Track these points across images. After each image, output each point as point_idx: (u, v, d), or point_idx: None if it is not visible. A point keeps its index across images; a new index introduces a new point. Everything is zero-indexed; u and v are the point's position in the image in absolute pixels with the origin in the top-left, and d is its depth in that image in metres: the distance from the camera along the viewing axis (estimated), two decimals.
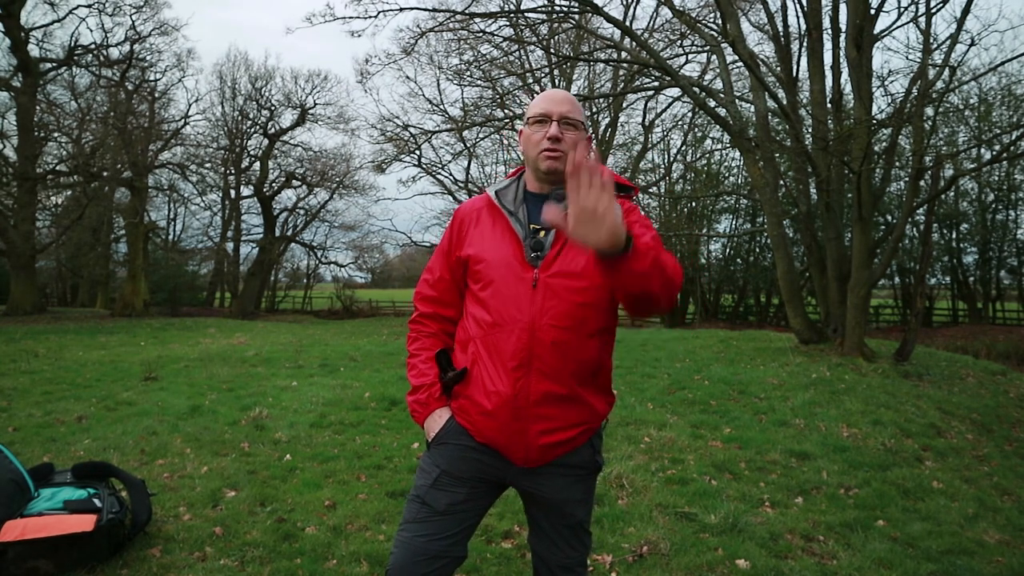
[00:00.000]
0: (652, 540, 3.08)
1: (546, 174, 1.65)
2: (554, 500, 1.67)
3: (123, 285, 23.33)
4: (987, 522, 3.59)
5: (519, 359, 1.55)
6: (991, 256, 21.99)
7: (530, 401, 1.56)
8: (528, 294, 1.57)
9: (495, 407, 1.57)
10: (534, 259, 1.59)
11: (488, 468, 1.65)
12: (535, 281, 1.57)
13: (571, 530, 1.70)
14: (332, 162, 28.38)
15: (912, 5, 8.78)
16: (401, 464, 4.24)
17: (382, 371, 7.93)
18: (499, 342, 1.57)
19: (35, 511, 2.79)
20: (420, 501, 1.65)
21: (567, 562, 1.71)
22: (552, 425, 1.59)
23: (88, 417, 5.51)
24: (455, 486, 1.64)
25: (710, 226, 23.93)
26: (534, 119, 1.66)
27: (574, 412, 1.61)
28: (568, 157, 1.27)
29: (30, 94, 20.02)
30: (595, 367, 1.63)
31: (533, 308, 1.56)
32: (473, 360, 1.62)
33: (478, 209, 1.71)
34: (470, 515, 1.67)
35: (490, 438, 1.61)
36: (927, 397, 6.41)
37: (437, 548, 1.60)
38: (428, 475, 1.66)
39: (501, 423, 1.58)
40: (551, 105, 1.65)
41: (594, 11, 10.38)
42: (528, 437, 1.58)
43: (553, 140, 1.62)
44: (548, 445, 1.60)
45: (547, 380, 1.56)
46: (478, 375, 1.60)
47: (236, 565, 2.82)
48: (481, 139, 22.84)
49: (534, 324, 1.55)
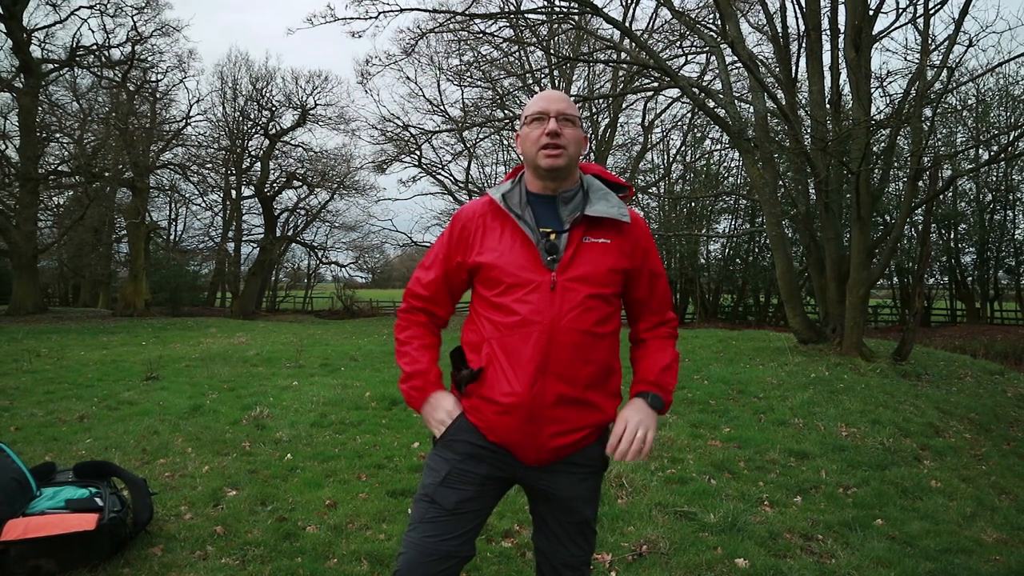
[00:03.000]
0: (651, 539, 3.10)
1: (546, 171, 1.64)
2: (562, 497, 1.68)
3: (125, 285, 23.34)
4: (985, 521, 3.60)
5: (537, 361, 1.56)
6: (989, 256, 22.00)
7: (545, 403, 1.57)
8: (547, 297, 1.58)
9: (513, 408, 1.58)
10: (550, 263, 1.60)
11: (498, 466, 1.66)
12: (553, 284, 1.59)
13: (577, 528, 1.71)
14: (333, 162, 28.40)
15: (910, 6, 8.80)
16: (402, 463, 4.26)
17: (382, 371, 7.94)
18: (517, 344, 1.58)
19: (37, 510, 2.80)
20: (429, 500, 1.64)
21: (572, 561, 1.71)
22: (564, 427, 1.60)
23: (90, 416, 5.52)
24: (464, 483, 1.64)
25: (709, 226, 23.96)
26: (531, 117, 1.66)
27: (585, 415, 1.63)
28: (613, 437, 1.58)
29: (32, 95, 20.03)
30: (606, 369, 1.65)
31: (552, 311, 1.57)
32: (488, 361, 1.62)
33: (481, 215, 1.70)
34: (479, 514, 1.68)
35: (503, 438, 1.62)
36: (925, 397, 6.43)
37: (447, 548, 1.61)
38: (437, 473, 1.66)
39: (516, 424, 1.59)
40: (547, 103, 1.66)
41: (594, 12, 10.40)
42: (540, 439, 1.60)
43: (552, 135, 1.61)
44: (559, 447, 1.62)
45: (562, 383, 1.58)
46: (494, 376, 1.60)
47: (237, 564, 2.83)
48: (481, 139, 22.88)
49: (553, 327, 1.57)
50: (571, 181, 1.69)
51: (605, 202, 1.65)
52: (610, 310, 1.65)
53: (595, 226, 1.64)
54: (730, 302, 26.23)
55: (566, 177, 1.67)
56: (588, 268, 1.60)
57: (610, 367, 1.67)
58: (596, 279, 1.60)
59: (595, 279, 1.60)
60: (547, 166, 1.63)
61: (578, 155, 1.68)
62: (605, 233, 1.65)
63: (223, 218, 30.47)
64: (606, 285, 1.62)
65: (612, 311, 1.66)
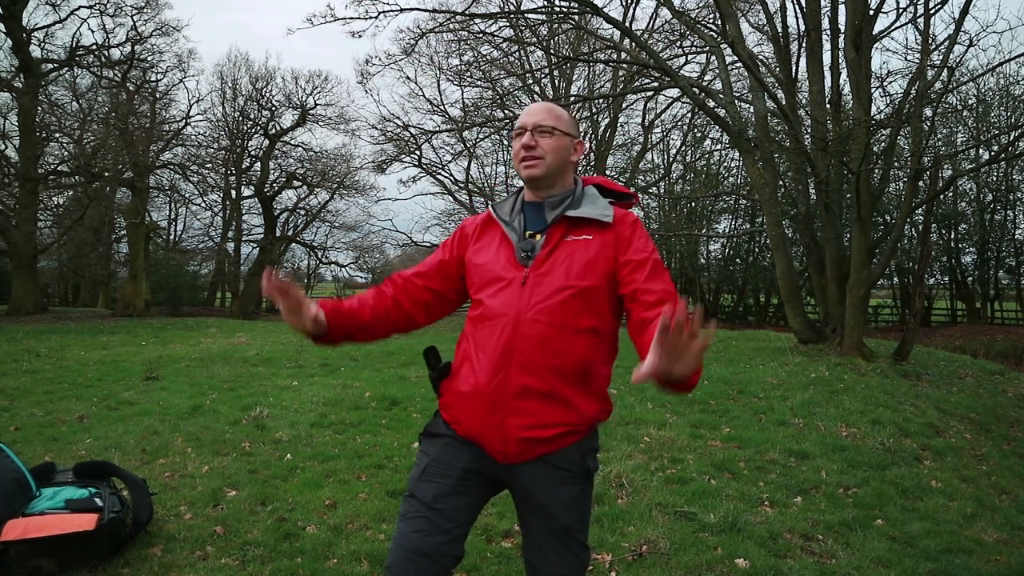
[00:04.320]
0: (651, 539, 3.09)
1: (526, 182, 1.73)
2: (540, 501, 1.64)
3: (124, 285, 23.33)
4: (985, 521, 3.60)
5: (500, 350, 1.58)
6: (989, 256, 22.00)
7: (508, 393, 1.57)
8: (517, 290, 1.62)
9: (473, 395, 1.60)
10: (524, 258, 1.65)
11: (474, 460, 1.65)
12: (524, 279, 1.62)
13: (557, 536, 1.65)
14: (332, 162, 28.36)
15: (911, 6, 8.81)
16: (401, 464, 4.26)
17: (383, 371, 7.94)
18: (486, 336, 1.62)
19: (37, 510, 2.80)
20: (410, 494, 1.67)
21: (558, 572, 1.66)
22: (530, 421, 1.58)
23: (89, 416, 5.52)
24: (442, 477, 1.65)
25: (710, 226, 23.96)
26: (516, 132, 1.74)
27: (555, 411, 1.59)
28: (666, 311, 1.21)
29: (32, 95, 20.01)
30: (582, 367, 1.61)
31: (520, 302, 1.60)
32: (464, 357, 1.67)
33: (479, 224, 1.80)
34: (462, 511, 1.65)
35: (468, 429, 1.63)
36: (926, 397, 6.42)
37: (432, 545, 1.58)
38: (418, 467, 1.71)
39: (478, 414, 1.60)
40: (526, 117, 1.73)
41: (594, 12, 10.39)
42: (506, 431, 1.58)
43: (527, 148, 1.68)
44: (526, 440, 1.58)
45: (526, 374, 1.57)
46: (465, 370, 1.65)
47: (237, 564, 2.83)
48: (481, 139, 22.85)
49: (519, 318, 1.59)
50: (559, 187, 1.73)
51: (591, 205, 1.70)
52: (590, 307, 1.61)
53: (577, 225, 1.67)
54: (730, 302, 26.24)
55: (550, 185, 1.72)
56: (563, 263, 1.63)
57: (589, 366, 1.62)
58: (571, 272, 1.61)
59: (569, 272, 1.61)
60: (525, 176, 1.71)
61: (560, 162, 1.70)
62: (588, 231, 1.67)
63: (223, 218, 30.48)
64: (582, 278, 1.60)
65: (593, 309, 1.61)
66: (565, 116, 1.74)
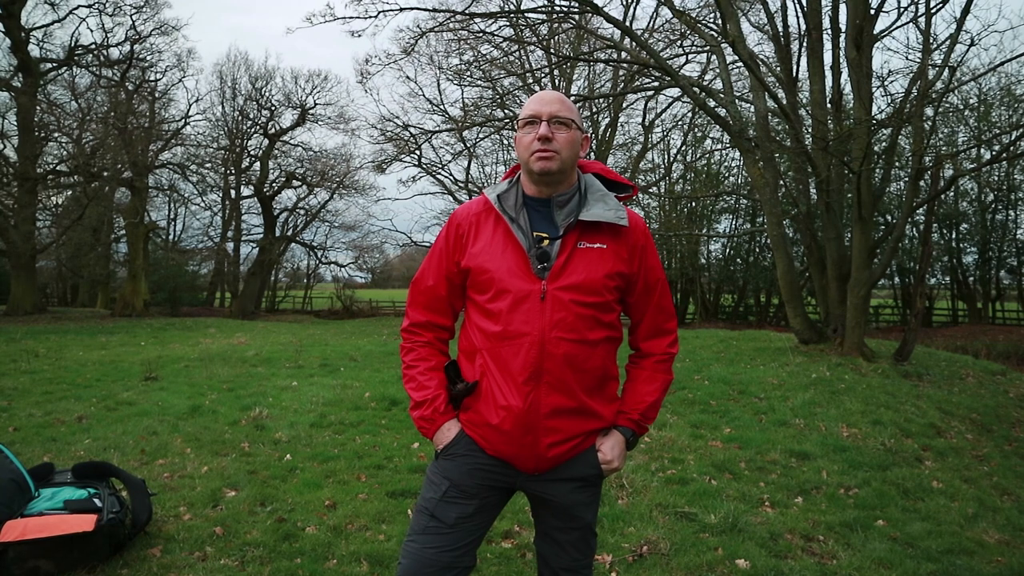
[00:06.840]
0: (652, 540, 3.08)
1: (539, 176, 1.61)
2: (563, 504, 1.66)
3: (123, 285, 23.33)
4: (987, 522, 3.59)
5: (528, 372, 1.54)
6: (991, 256, 22.00)
7: (540, 415, 1.56)
8: (537, 307, 1.55)
9: (507, 422, 1.56)
10: (540, 271, 1.57)
11: (498, 478, 1.65)
12: (543, 294, 1.56)
13: (579, 533, 1.69)
14: (332, 162, 28.39)
15: (912, 5, 8.77)
16: (401, 464, 4.25)
17: (382, 371, 7.93)
18: (508, 355, 1.56)
19: (35, 511, 2.79)
20: (429, 514, 1.63)
21: (573, 565, 1.70)
22: (561, 437, 1.59)
23: (88, 417, 5.51)
24: (465, 499, 1.63)
25: (710, 226, 23.94)
26: (524, 121, 1.63)
27: (582, 423, 1.62)
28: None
29: (30, 94, 20.00)
30: (601, 376, 1.63)
31: (543, 321, 1.55)
32: (482, 372, 1.61)
33: (476, 214, 1.67)
34: (480, 526, 1.67)
35: (500, 451, 1.61)
36: (927, 397, 6.41)
37: (448, 559, 1.60)
38: (437, 488, 1.65)
39: (513, 437, 1.58)
40: (540, 106, 1.61)
41: (594, 11, 10.38)
42: (539, 449, 1.59)
43: (543, 140, 1.57)
44: (558, 455, 1.61)
45: (556, 393, 1.56)
46: (488, 388, 1.59)
47: (236, 565, 2.82)
48: (481, 139, 22.83)
49: (544, 337, 1.54)
50: (567, 184, 1.65)
51: (602, 205, 1.61)
52: (605, 317, 1.61)
53: (590, 230, 1.60)
54: (731, 302, 26.23)
55: (561, 181, 1.63)
56: (581, 276, 1.56)
57: (606, 373, 1.64)
58: (589, 287, 1.56)
59: (588, 287, 1.56)
60: (539, 170, 1.59)
61: (573, 158, 1.62)
62: (601, 237, 1.60)
63: (222, 218, 30.48)
64: (600, 293, 1.58)
65: (608, 318, 1.62)
66: (574, 107, 1.66)
